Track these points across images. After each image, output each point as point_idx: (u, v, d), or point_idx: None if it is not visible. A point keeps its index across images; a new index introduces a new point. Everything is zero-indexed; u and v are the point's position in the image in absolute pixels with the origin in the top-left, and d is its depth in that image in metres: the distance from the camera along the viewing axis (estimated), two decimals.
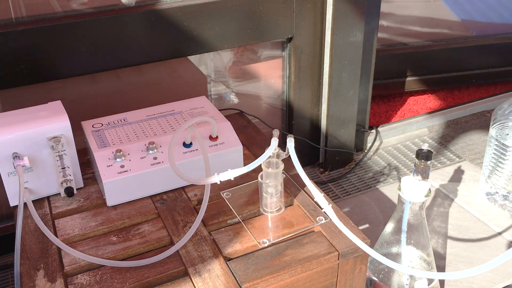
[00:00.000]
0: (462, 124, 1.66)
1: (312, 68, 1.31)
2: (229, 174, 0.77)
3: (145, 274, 0.73)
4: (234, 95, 1.37)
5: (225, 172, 0.77)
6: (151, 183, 0.88)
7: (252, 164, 0.75)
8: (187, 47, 1.13)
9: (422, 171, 0.87)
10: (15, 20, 1.01)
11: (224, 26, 1.14)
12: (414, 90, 1.82)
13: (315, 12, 1.23)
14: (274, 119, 1.41)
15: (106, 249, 0.78)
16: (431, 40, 1.84)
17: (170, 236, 0.80)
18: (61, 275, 0.73)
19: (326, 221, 0.82)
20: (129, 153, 0.88)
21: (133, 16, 1.05)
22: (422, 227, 0.91)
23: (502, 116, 1.23)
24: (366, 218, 1.25)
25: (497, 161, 1.23)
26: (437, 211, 1.27)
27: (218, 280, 0.72)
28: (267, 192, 0.82)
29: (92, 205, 0.88)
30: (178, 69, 1.27)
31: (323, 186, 1.38)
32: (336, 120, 1.37)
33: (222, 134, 0.93)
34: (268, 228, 0.82)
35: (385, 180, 1.40)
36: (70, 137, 0.85)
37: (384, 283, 0.94)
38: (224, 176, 0.77)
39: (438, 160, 1.48)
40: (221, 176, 0.77)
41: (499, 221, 1.23)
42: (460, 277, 0.73)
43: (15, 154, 0.82)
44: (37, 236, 0.80)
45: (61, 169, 0.86)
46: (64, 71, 1.05)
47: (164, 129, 0.94)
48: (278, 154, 0.79)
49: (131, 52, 1.09)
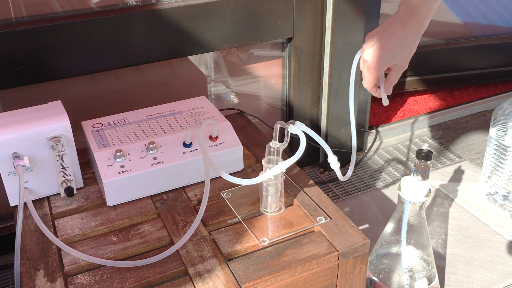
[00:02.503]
0: (462, 124, 1.66)
1: (312, 68, 1.31)
2: (280, 166, 0.77)
3: (145, 274, 0.73)
4: (234, 95, 1.37)
5: (276, 166, 0.77)
6: (151, 183, 0.88)
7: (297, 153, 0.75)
8: (187, 47, 1.13)
9: (422, 171, 0.87)
10: (15, 20, 1.01)
11: (224, 26, 1.14)
12: (414, 90, 1.82)
13: (315, 12, 1.23)
14: (274, 119, 1.41)
15: (106, 249, 0.78)
16: (431, 40, 1.84)
17: (170, 236, 0.80)
18: (61, 275, 0.73)
19: (326, 221, 0.82)
20: (129, 153, 0.88)
21: (133, 16, 1.05)
22: (422, 227, 0.91)
23: (502, 116, 1.23)
24: (366, 218, 1.25)
25: (497, 161, 1.23)
26: (437, 211, 1.27)
27: (218, 280, 0.72)
28: (267, 191, 0.82)
29: (92, 205, 0.88)
30: (178, 69, 1.27)
31: (323, 186, 1.38)
32: (336, 120, 1.37)
33: (222, 134, 0.93)
34: (268, 228, 0.82)
35: (385, 180, 1.40)
36: (70, 137, 0.85)
37: (384, 283, 0.94)
38: (276, 169, 0.77)
39: (438, 160, 1.48)
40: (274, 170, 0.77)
41: (499, 221, 1.23)
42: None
43: (15, 154, 0.82)
44: (37, 236, 0.80)
45: (61, 169, 0.86)
46: (64, 71, 1.05)
47: (164, 129, 0.94)
48: (278, 151, 0.79)
49: (131, 52, 1.09)
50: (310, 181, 0.92)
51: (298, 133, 0.76)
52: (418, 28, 0.79)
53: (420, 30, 0.80)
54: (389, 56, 0.81)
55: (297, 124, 0.77)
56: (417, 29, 0.79)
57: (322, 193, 0.89)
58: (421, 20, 0.79)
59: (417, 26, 0.79)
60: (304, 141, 0.75)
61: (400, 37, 0.80)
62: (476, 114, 1.72)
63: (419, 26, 0.79)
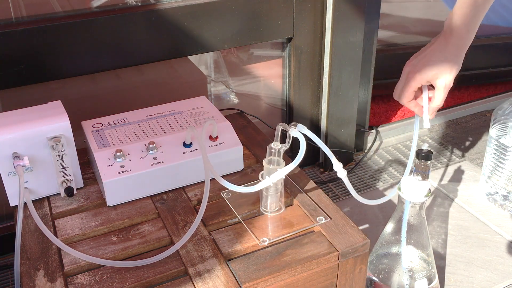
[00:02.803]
0: (462, 124, 1.66)
1: (312, 68, 1.31)
2: (279, 173, 0.77)
3: (145, 274, 0.73)
4: (234, 95, 1.37)
5: (276, 172, 0.78)
6: (151, 183, 0.88)
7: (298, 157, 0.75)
8: (187, 47, 1.13)
9: (422, 171, 0.87)
10: (15, 20, 1.01)
11: (224, 26, 1.14)
12: None
13: (315, 12, 1.23)
14: (274, 119, 1.41)
15: (106, 249, 0.78)
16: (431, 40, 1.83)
17: (170, 236, 0.80)
18: (61, 275, 0.73)
19: (326, 221, 0.82)
20: (129, 153, 0.88)
21: (133, 16, 1.05)
22: (422, 227, 0.91)
23: (502, 116, 1.23)
24: (366, 218, 1.25)
25: (497, 161, 1.23)
26: (437, 211, 1.27)
27: (218, 280, 0.72)
28: (267, 191, 0.82)
29: (92, 205, 0.88)
30: (178, 69, 1.27)
31: (323, 186, 1.38)
32: (336, 120, 1.37)
33: (222, 134, 0.93)
34: (268, 228, 0.82)
35: (385, 180, 1.40)
36: (70, 137, 0.85)
37: (384, 283, 0.94)
38: (276, 176, 0.77)
39: (438, 160, 1.48)
40: (272, 177, 0.78)
41: (499, 221, 1.23)
42: None
43: (15, 154, 0.82)
44: (37, 236, 0.80)
45: (61, 169, 0.86)
46: (64, 71, 1.05)
47: (164, 129, 0.94)
48: (279, 151, 0.79)
49: (131, 52, 1.09)
50: (310, 181, 0.92)
51: (298, 136, 0.76)
52: (459, 43, 0.84)
53: (462, 46, 0.84)
54: (429, 66, 0.84)
55: (299, 127, 0.77)
56: (459, 44, 0.84)
57: (322, 193, 0.89)
58: (462, 35, 0.83)
59: (458, 41, 0.84)
60: (304, 145, 0.75)
61: (441, 50, 0.84)
62: (476, 114, 1.72)
63: (460, 41, 0.84)
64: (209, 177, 0.77)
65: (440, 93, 0.86)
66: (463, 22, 0.83)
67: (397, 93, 0.91)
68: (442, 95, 0.86)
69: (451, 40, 0.84)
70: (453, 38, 0.84)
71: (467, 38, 0.84)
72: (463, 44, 0.84)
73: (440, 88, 0.85)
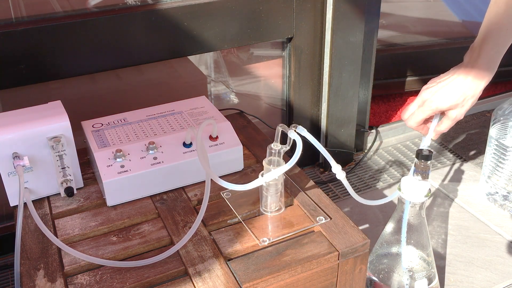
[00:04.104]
0: (462, 124, 1.66)
1: (312, 68, 1.31)
2: (273, 173, 0.77)
3: (145, 274, 0.73)
4: (234, 95, 1.37)
5: (269, 172, 0.77)
6: (151, 183, 0.88)
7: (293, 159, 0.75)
8: (187, 47, 1.13)
9: (422, 171, 0.87)
10: (15, 20, 1.01)
11: (224, 26, 1.14)
12: (414, 90, 1.82)
13: (315, 12, 1.23)
14: (274, 119, 1.41)
15: (106, 249, 0.78)
16: (431, 40, 1.83)
17: (170, 236, 0.80)
18: (61, 275, 0.73)
19: (326, 221, 0.82)
20: (129, 153, 0.88)
21: (133, 16, 1.05)
22: (422, 227, 0.91)
23: (502, 116, 1.23)
24: (366, 218, 1.25)
25: (497, 161, 1.23)
26: (437, 211, 1.27)
27: (218, 280, 0.72)
28: (267, 191, 0.82)
29: (92, 205, 0.88)
30: (178, 69, 1.27)
31: (323, 186, 1.38)
32: (336, 120, 1.37)
33: (222, 134, 0.93)
34: (268, 228, 0.82)
35: (385, 180, 1.40)
36: (70, 137, 0.85)
37: (384, 283, 0.94)
38: (269, 176, 0.77)
39: (438, 160, 1.48)
40: (266, 177, 0.77)
41: (499, 221, 1.23)
42: None
43: (15, 154, 0.82)
44: (37, 236, 0.80)
45: (61, 169, 0.86)
46: (64, 71, 1.05)
47: (164, 129, 0.94)
48: (279, 152, 0.79)
49: (131, 52, 1.09)
50: (310, 181, 0.92)
51: (295, 138, 0.76)
52: (479, 77, 0.85)
53: (481, 79, 0.85)
54: (447, 98, 0.85)
55: (299, 128, 0.77)
56: (478, 77, 0.85)
57: (322, 193, 0.89)
58: (483, 69, 0.85)
59: (478, 76, 0.85)
60: (300, 147, 0.75)
61: (461, 83, 0.85)
62: (476, 114, 1.72)
63: (480, 75, 0.85)
64: (209, 177, 0.77)
65: (449, 122, 0.88)
66: (485, 58, 0.85)
67: (407, 114, 0.92)
68: (450, 124, 0.89)
69: (471, 74, 0.85)
70: (474, 72, 0.85)
71: (487, 75, 0.85)
72: (483, 78, 0.85)
73: (450, 118, 0.88)
